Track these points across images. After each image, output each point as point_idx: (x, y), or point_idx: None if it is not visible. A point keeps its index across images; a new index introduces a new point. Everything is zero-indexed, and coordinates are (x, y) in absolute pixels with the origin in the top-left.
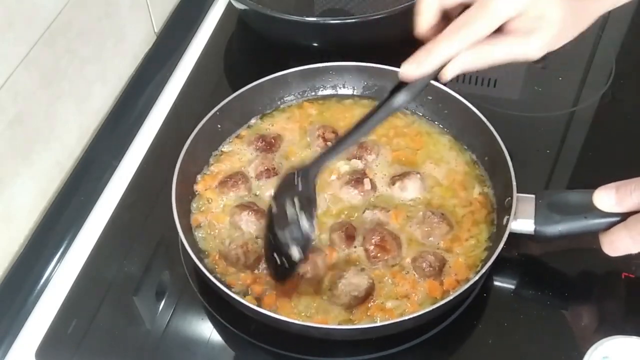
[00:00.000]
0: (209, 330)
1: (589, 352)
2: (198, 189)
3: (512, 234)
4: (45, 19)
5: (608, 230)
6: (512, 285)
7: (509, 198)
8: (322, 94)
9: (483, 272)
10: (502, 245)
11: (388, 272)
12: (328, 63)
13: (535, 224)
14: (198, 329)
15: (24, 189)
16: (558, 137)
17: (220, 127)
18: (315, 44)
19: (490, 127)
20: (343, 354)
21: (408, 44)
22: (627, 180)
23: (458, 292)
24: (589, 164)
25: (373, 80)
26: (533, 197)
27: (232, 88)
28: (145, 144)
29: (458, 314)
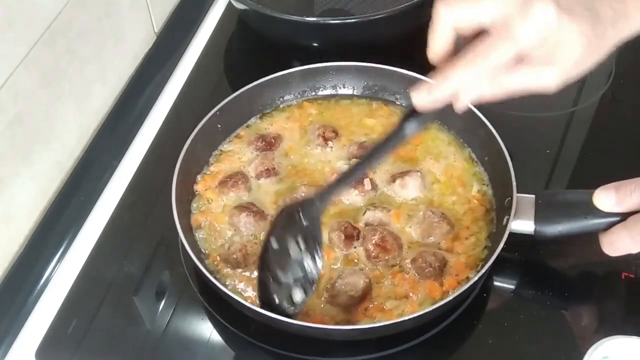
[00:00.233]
0: (209, 330)
1: (589, 352)
2: (198, 189)
3: (512, 234)
4: (45, 19)
5: (608, 231)
6: (512, 286)
7: (509, 198)
8: (322, 94)
9: (483, 272)
10: (502, 245)
11: (388, 272)
12: (328, 63)
13: (535, 224)
14: (198, 329)
15: (24, 189)
16: (558, 137)
17: (220, 126)
18: (315, 44)
19: (491, 127)
20: (343, 354)
21: (408, 44)
22: (627, 181)
23: (458, 292)
24: (589, 164)
25: (373, 80)
26: (533, 197)
27: (232, 88)
28: (145, 144)
29: (458, 314)
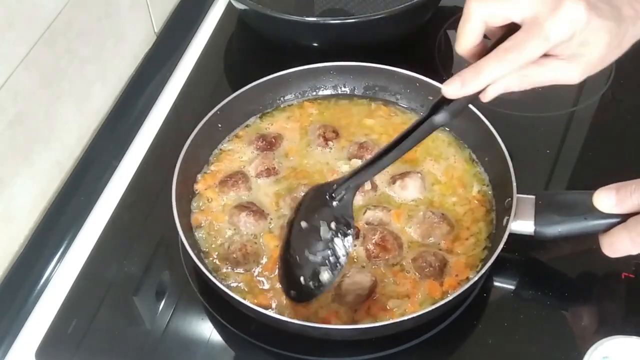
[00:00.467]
0: (209, 330)
1: (589, 352)
2: (198, 188)
3: (512, 235)
4: (45, 19)
5: (608, 232)
6: (512, 286)
7: (509, 199)
8: (322, 94)
9: (483, 272)
10: (502, 246)
11: (389, 271)
12: (328, 63)
13: (535, 225)
14: (198, 329)
15: (24, 189)
16: (558, 137)
17: (221, 126)
18: (315, 44)
19: (491, 127)
20: (343, 354)
21: (408, 44)
22: (627, 182)
23: (457, 292)
24: (589, 164)
25: (373, 81)
26: (533, 197)
27: (232, 88)
28: (145, 144)
29: (458, 314)
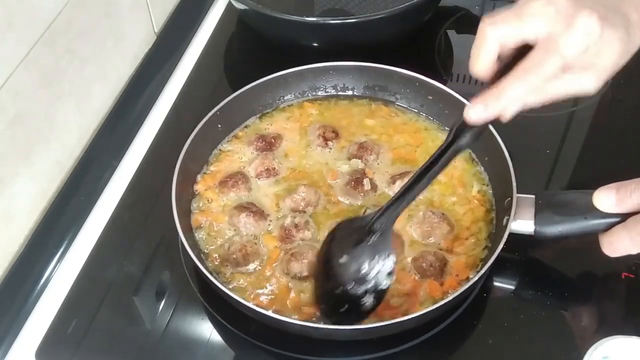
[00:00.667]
0: (209, 330)
1: (589, 352)
2: (198, 189)
3: (511, 234)
4: (45, 19)
5: (608, 231)
6: (512, 286)
7: (509, 198)
8: (322, 94)
9: (483, 272)
10: (501, 246)
11: None
12: (328, 63)
13: (535, 225)
14: (198, 329)
15: (24, 189)
16: (558, 137)
17: (221, 126)
18: (315, 44)
19: (492, 128)
20: (343, 354)
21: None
22: (627, 181)
23: (458, 292)
24: (589, 164)
25: (373, 81)
26: (533, 197)
27: (232, 88)
28: (145, 144)
29: (458, 314)
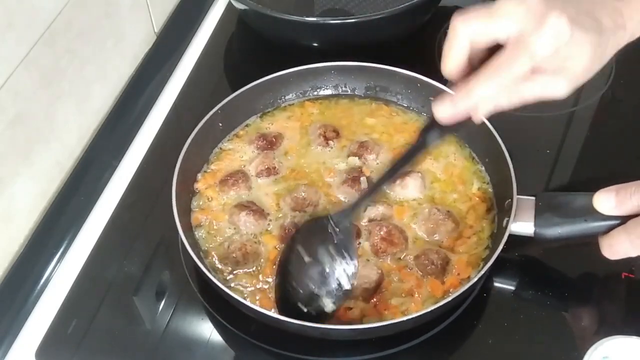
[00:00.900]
0: (209, 330)
1: (589, 352)
2: (198, 187)
3: (512, 235)
4: (45, 19)
5: (608, 234)
6: (512, 286)
7: (509, 200)
8: (323, 94)
9: (483, 272)
10: (501, 247)
11: (395, 265)
12: (329, 63)
13: (535, 227)
14: (198, 329)
15: (24, 189)
16: (558, 137)
17: (222, 125)
18: (315, 44)
19: (492, 128)
20: (343, 354)
21: (408, 44)
22: (627, 184)
23: (458, 292)
24: (589, 164)
25: (374, 81)
26: (533, 199)
27: (232, 88)
28: (145, 144)
29: (458, 314)
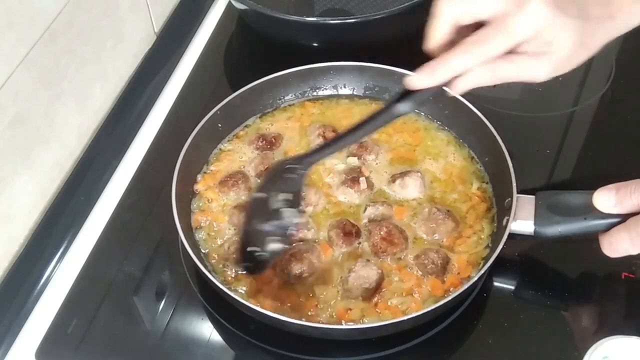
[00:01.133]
0: (209, 330)
1: (589, 352)
2: (198, 189)
3: (512, 234)
4: (45, 19)
5: (608, 232)
6: (512, 286)
7: (509, 199)
8: (322, 94)
9: (483, 272)
10: (501, 246)
11: (395, 265)
12: (328, 63)
13: (535, 225)
14: (198, 329)
15: (24, 189)
16: (558, 137)
17: (221, 126)
18: (315, 44)
19: (491, 128)
20: (343, 354)
21: (408, 44)
22: (626, 182)
23: (459, 291)
24: (589, 164)
25: (374, 81)
26: (533, 197)
27: (232, 88)
28: (145, 144)
29: (458, 314)
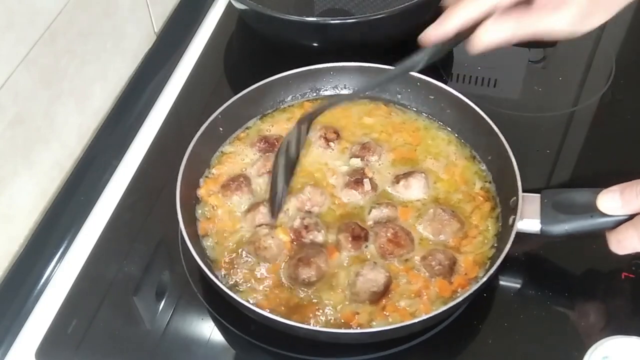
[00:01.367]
0: (209, 330)
1: (589, 352)
2: (201, 194)
3: (517, 233)
4: (45, 19)
5: (615, 229)
6: (517, 284)
7: (514, 198)
8: (322, 95)
9: (491, 272)
10: (509, 246)
11: (402, 266)
12: (328, 64)
13: (541, 224)
14: (198, 329)
15: (24, 189)
16: (558, 137)
17: (222, 129)
18: (315, 44)
19: (494, 126)
20: (343, 354)
21: (408, 44)
22: (630, 182)
23: (469, 292)
24: (589, 164)
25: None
26: (538, 196)
27: (232, 88)
28: (145, 144)
29: (461, 313)
